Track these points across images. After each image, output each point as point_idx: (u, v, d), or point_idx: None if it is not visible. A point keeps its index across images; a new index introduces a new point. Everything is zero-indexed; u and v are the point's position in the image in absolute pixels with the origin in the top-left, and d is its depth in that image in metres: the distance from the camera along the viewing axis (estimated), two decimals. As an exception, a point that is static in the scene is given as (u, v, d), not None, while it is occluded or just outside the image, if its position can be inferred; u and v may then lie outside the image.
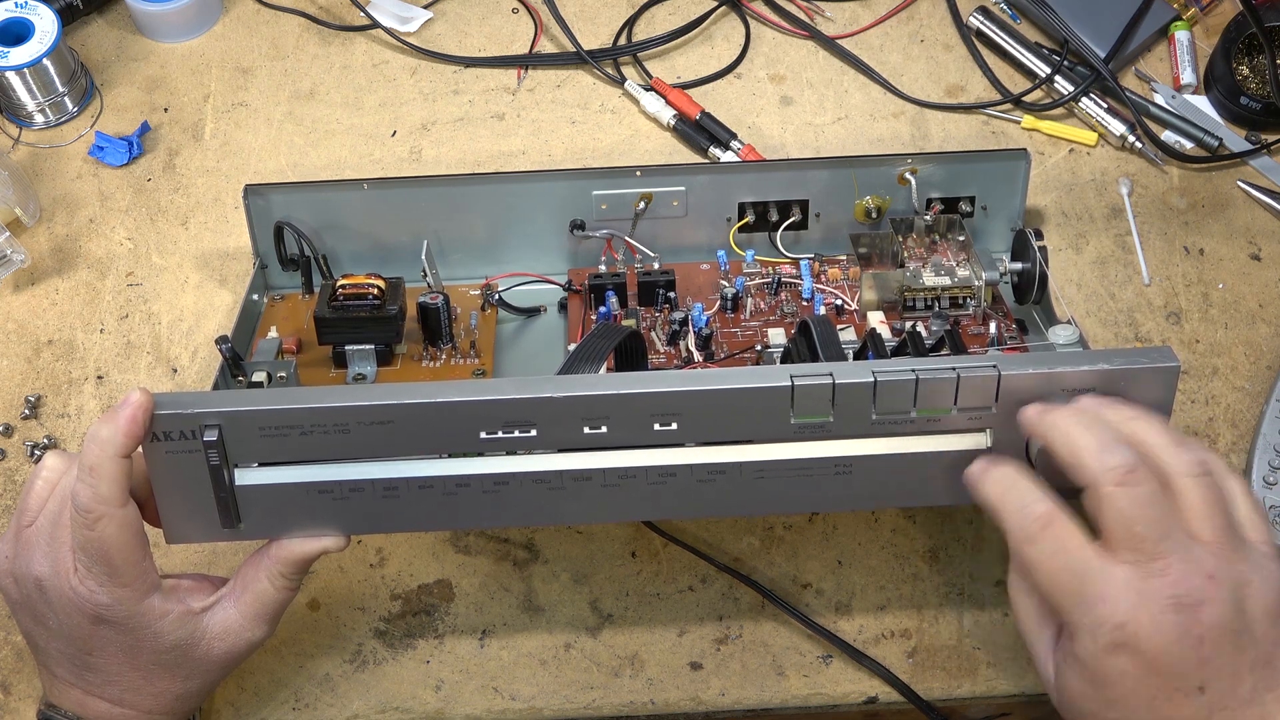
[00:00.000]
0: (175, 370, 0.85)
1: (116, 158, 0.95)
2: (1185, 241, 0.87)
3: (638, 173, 0.81)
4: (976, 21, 0.97)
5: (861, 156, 0.82)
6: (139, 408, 0.58)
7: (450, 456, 0.61)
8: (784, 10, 1.01)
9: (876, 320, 0.77)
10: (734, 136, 0.92)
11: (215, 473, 0.60)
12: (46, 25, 0.95)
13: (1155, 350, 0.59)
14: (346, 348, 0.76)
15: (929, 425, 0.60)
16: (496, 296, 0.81)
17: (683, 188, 0.81)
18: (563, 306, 0.82)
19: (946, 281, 0.77)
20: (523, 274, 0.83)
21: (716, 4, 1.01)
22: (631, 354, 0.70)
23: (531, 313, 0.82)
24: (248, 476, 0.61)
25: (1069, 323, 0.73)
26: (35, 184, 0.94)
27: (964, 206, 0.82)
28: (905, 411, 0.60)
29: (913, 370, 0.59)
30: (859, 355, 0.71)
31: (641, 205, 0.81)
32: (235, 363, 0.73)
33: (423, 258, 0.78)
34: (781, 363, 0.73)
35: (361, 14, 1.02)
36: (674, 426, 0.60)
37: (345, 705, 0.72)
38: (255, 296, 0.82)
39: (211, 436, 0.59)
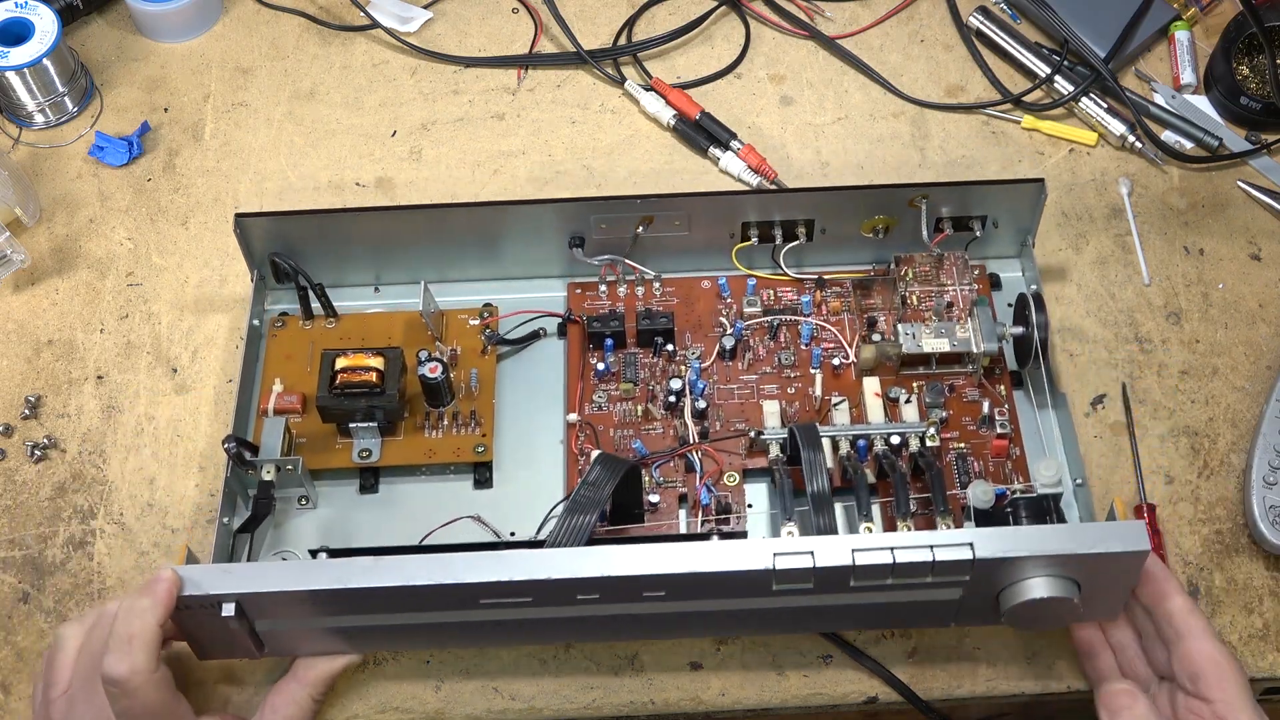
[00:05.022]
0: (175, 370, 0.85)
1: (116, 158, 0.95)
2: (1185, 241, 0.87)
3: (637, 202, 0.80)
4: (976, 21, 0.97)
5: (871, 187, 0.82)
6: (172, 584, 0.62)
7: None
8: (784, 10, 1.01)
9: (871, 391, 0.76)
10: (734, 136, 0.92)
11: (239, 626, 0.64)
12: (46, 25, 0.95)
13: (1126, 530, 0.62)
14: (349, 425, 0.77)
15: (904, 583, 0.63)
16: (497, 338, 0.81)
17: (681, 210, 0.81)
18: (563, 331, 0.82)
19: (945, 347, 0.77)
20: (521, 311, 0.82)
21: (716, 4, 1.01)
22: (629, 482, 0.71)
23: (531, 339, 0.82)
24: (269, 624, 0.65)
25: (1052, 460, 0.72)
26: (35, 184, 0.94)
27: (974, 225, 0.82)
28: (883, 579, 0.63)
29: (890, 549, 0.61)
30: (847, 477, 0.73)
31: (640, 229, 0.81)
32: (241, 460, 0.74)
33: (420, 308, 0.78)
34: (771, 465, 0.74)
35: (361, 14, 1.02)
36: (662, 593, 0.63)
37: (345, 705, 0.72)
38: (255, 323, 0.82)
39: (230, 611, 0.63)
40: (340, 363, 0.76)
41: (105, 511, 0.80)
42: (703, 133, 0.93)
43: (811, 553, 0.61)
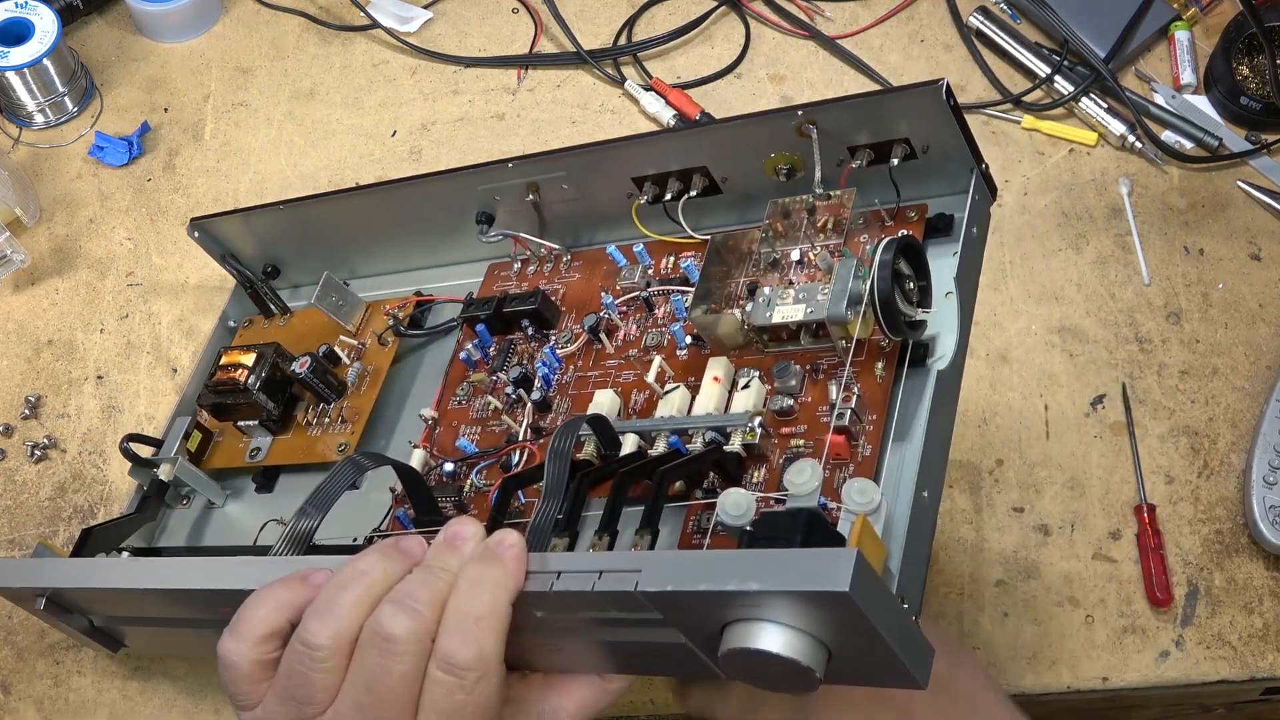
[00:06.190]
0: (175, 370, 0.85)
1: (116, 158, 0.95)
2: (1185, 241, 0.87)
3: (509, 165, 0.71)
4: (976, 21, 0.97)
5: (742, 117, 0.66)
6: (523, 552, 0.51)
7: None
8: (784, 10, 1.01)
9: (711, 376, 0.61)
10: (734, 136, 0.92)
11: (57, 619, 0.65)
12: (46, 25, 0.95)
13: (830, 562, 0.43)
14: (239, 423, 0.75)
15: (597, 617, 0.50)
16: (402, 327, 0.75)
17: (562, 172, 0.71)
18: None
19: (798, 315, 0.58)
20: (425, 299, 0.77)
21: (716, 4, 1.01)
22: (415, 486, 0.64)
23: (446, 329, 0.76)
24: (106, 621, 0.66)
25: (806, 462, 0.53)
26: (35, 184, 0.94)
27: (896, 152, 0.62)
28: (562, 610, 0.50)
29: (556, 573, 0.49)
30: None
31: (530, 197, 0.73)
32: (137, 460, 0.73)
33: (314, 299, 0.74)
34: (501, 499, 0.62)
35: (361, 14, 1.02)
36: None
37: (345, 705, 0.72)
38: (232, 323, 0.81)
39: (40, 605, 0.63)
40: (223, 359, 0.74)
41: (106, 511, 0.80)
42: (703, 133, 0.93)
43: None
